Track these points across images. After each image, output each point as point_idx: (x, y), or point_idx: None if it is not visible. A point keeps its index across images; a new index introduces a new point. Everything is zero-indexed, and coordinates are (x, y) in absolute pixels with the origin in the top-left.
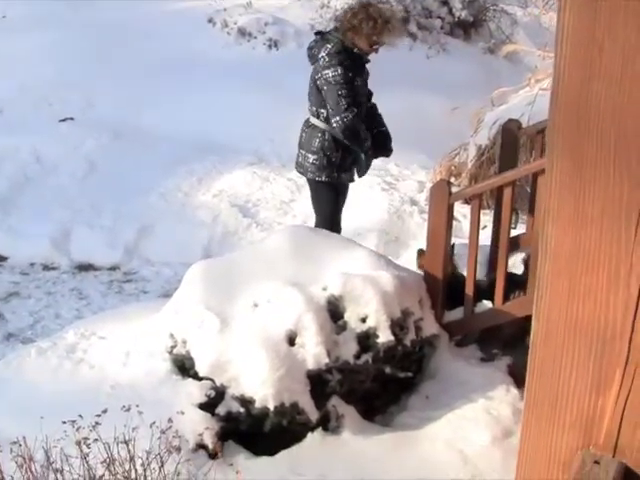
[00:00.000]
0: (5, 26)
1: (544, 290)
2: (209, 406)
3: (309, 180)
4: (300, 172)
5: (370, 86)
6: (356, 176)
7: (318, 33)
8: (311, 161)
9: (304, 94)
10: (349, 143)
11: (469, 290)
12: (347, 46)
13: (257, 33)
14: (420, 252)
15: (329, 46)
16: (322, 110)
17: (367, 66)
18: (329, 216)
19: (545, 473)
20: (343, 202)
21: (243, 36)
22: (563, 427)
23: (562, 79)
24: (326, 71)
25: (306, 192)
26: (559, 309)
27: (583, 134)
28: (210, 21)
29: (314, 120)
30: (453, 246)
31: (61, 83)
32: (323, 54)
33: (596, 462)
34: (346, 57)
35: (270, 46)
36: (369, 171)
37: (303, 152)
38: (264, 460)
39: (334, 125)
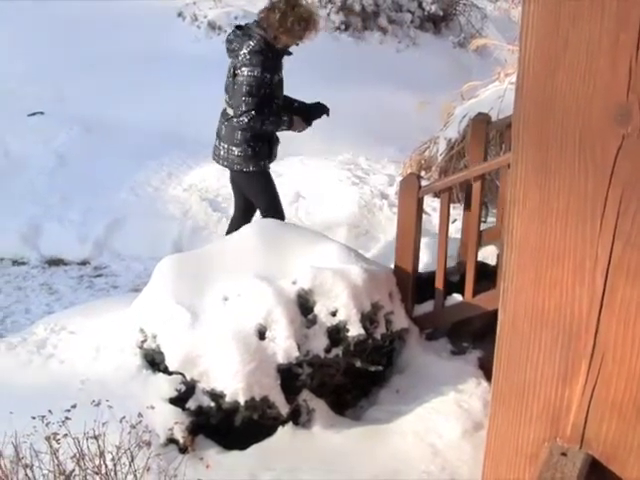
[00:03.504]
0: None
1: (510, 282)
2: (179, 400)
3: (237, 172)
4: (224, 165)
5: (341, 81)
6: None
7: (239, 27)
8: (236, 154)
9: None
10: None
11: (439, 284)
12: (269, 42)
13: (227, 27)
14: None
15: (252, 43)
16: None
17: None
18: (271, 202)
19: (512, 465)
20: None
21: (213, 30)
22: (530, 419)
23: (527, 71)
24: (243, 69)
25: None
26: (525, 301)
27: (548, 127)
28: (180, 15)
29: (232, 112)
30: None
31: (30, 77)
32: (245, 51)
33: (563, 454)
34: (267, 56)
35: None
36: (339, 165)
37: (226, 145)
38: (235, 454)
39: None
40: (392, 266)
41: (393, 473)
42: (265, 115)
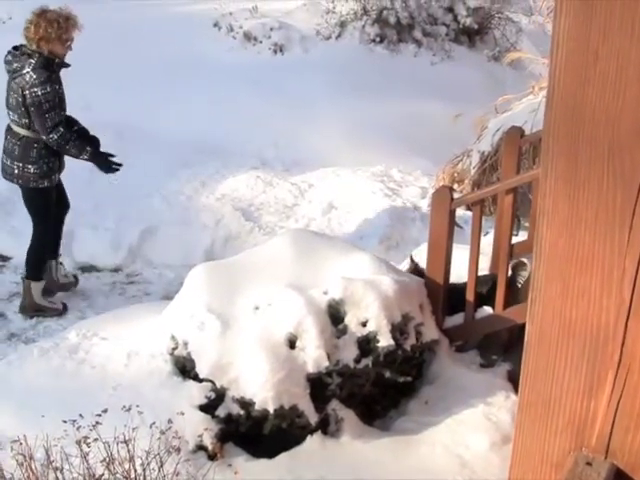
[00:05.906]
0: (10, 28)
1: (538, 292)
2: (209, 407)
3: (28, 189)
4: (19, 184)
5: (375, 93)
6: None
7: (15, 48)
8: (32, 171)
9: (308, 99)
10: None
11: (470, 296)
12: (48, 57)
13: (262, 38)
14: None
15: (32, 61)
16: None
17: None
18: (51, 218)
19: (538, 474)
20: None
21: (248, 40)
22: (556, 429)
23: (557, 84)
24: (35, 89)
25: (309, 196)
26: (553, 311)
27: (577, 138)
28: (216, 25)
29: (24, 132)
30: None
31: (64, 83)
32: (28, 69)
33: (588, 463)
34: (51, 69)
35: (275, 51)
36: (372, 176)
37: (20, 164)
38: (263, 462)
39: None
40: (423, 278)
41: None
42: (71, 135)
